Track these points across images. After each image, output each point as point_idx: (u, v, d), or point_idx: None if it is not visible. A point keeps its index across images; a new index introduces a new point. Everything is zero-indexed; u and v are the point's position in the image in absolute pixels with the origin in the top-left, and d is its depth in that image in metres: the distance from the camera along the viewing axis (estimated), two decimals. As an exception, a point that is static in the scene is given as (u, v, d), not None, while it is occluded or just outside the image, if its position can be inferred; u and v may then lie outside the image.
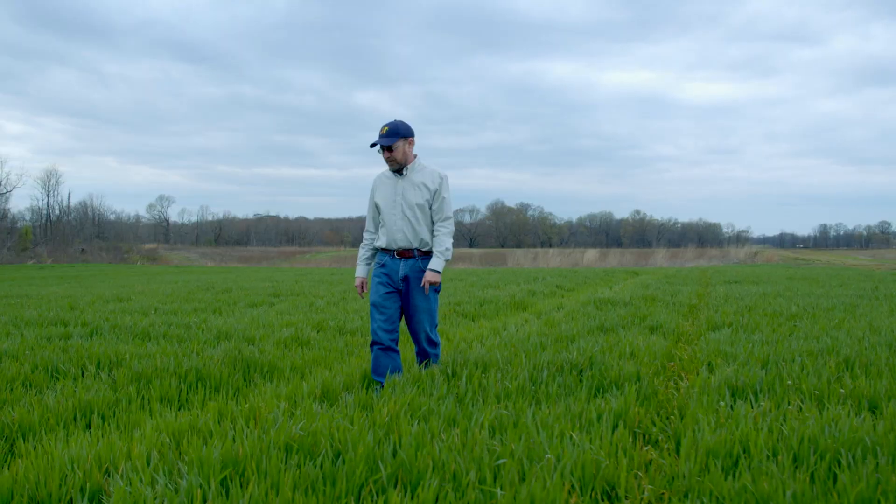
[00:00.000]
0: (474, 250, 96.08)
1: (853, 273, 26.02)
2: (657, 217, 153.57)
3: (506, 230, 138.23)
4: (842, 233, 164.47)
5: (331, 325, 9.24)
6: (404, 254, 5.48)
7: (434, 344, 5.66)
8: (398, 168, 5.46)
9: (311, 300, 13.55)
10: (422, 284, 5.44)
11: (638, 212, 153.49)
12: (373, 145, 5.38)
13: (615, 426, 4.09)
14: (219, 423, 4.34)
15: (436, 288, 5.49)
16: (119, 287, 18.92)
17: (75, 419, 4.61)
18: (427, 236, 5.50)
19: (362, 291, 5.75)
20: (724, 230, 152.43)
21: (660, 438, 4.13)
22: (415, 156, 5.54)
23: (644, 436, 4.19)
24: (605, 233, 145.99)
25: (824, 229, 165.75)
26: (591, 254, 67.15)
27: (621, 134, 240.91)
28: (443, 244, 5.49)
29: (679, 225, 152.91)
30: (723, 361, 6.11)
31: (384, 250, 5.58)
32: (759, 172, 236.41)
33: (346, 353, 7.35)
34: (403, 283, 5.50)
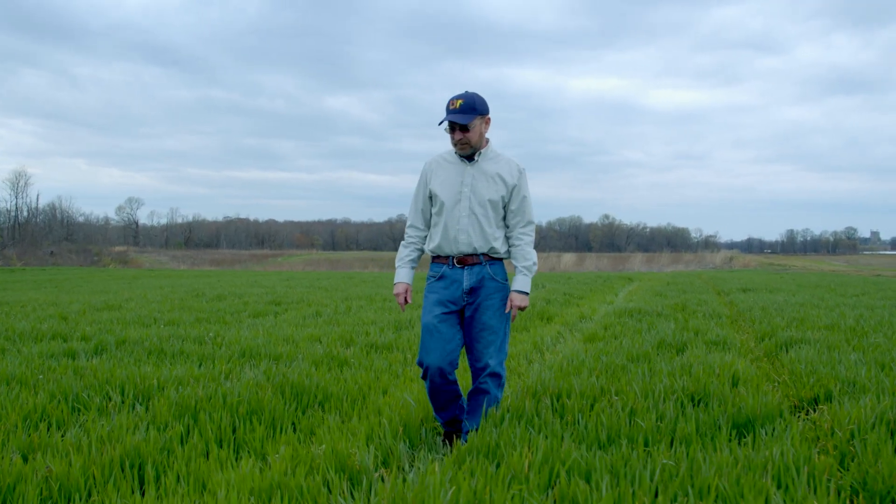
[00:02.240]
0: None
1: (855, 280, 25.63)
2: (626, 221, 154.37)
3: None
4: (809, 238, 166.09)
5: (359, 340, 8.40)
6: (466, 260, 4.33)
7: (499, 379, 4.41)
8: (470, 153, 4.32)
9: (315, 309, 12.67)
10: (507, 311, 4.34)
11: (607, 216, 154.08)
12: (441, 122, 4.25)
13: (814, 483, 3.29)
14: (307, 477, 3.50)
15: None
16: (101, 293, 17.85)
17: (123, 470, 3.73)
18: (497, 242, 4.35)
19: (405, 302, 4.51)
20: (693, 235, 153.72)
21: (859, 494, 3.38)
22: (487, 140, 4.40)
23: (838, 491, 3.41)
24: (575, 237, 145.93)
25: (791, 234, 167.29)
26: (568, 258, 66.84)
27: (590, 139, 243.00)
28: (529, 257, 4.38)
29: (648, 229, 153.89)
30: (841, 388, 5.36)
31: (438, 257, 4.42)
32: (726, 178, 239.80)
33: (392, 373, 6.51)
34: (469, 297, 4.34)
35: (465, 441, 4.35)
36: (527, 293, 4.34)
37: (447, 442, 4.55)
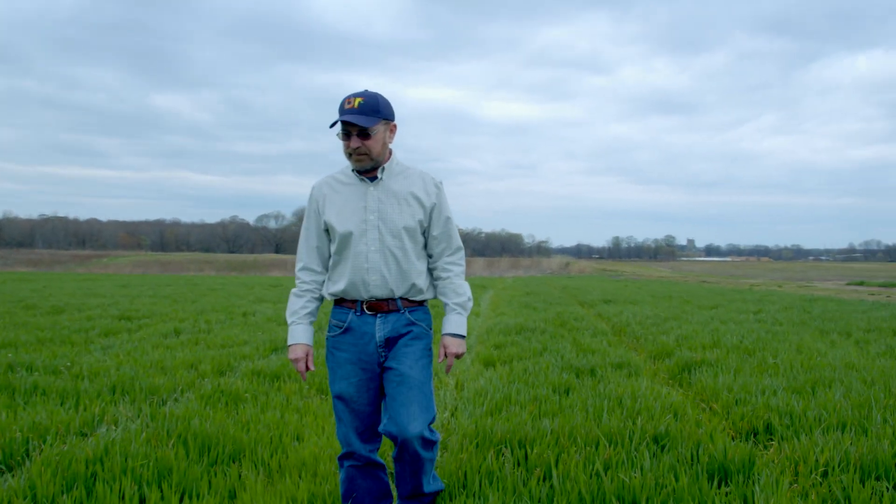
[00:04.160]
0: (287, 256, 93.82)
1: (696, 289, 26.77)
2: (462, 227, 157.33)
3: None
4: (633, 245, 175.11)
5: (240, 366, 7.59)
6: (381, 307, 3.37)
7: (431, 445, 3.33)
8: (370, 167, 3.35)
9: (172, 325, 11.62)
10: (441, 360, 3.41)
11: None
12: (333, 125, 3.27)
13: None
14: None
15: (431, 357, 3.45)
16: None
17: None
18: (420, 278, 3.42)
19: (306, 367, 3.44)
20: (526, 240, 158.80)
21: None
22: (390, 151, 3.44)
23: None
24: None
25: (617, 241, 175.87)
26: (410, 263, 66.88)
27: (425, 147, 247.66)
28: (461, 291, 3.48)
29: (483, 235, 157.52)
30: (780, 420, 5.16)
31: (342, 302, 3.43)
32: (556, 187, 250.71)
33: (294, 409, 5.79)
34: (385, 350, 3.36)
35: None
36: (464, 336, 3.44)
37: None
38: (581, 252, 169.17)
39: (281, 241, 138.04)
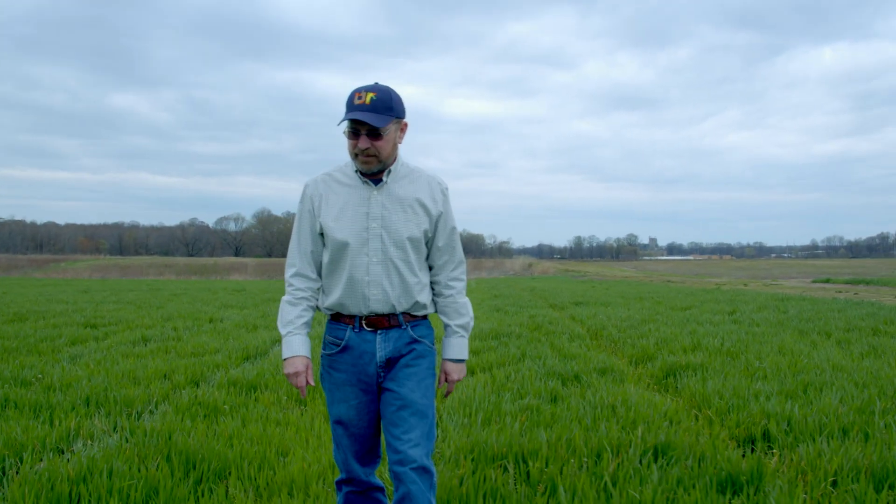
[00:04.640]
0: (247, 259, 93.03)
1: (666, 289, 26.90)
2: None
3: (273, 239, 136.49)
4: (594, 244, 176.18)
5: (215, 376, 7.37)
6: (381, 322, 3.05)
7: (430, 477, 2.94)
8: (378, 170, 3.02)
9: (140, 333, 11.29)
10: (440, 385, 3.21)
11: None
12: (341, 122, 2.95)
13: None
14: None
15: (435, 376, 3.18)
16: None
17: None
18: (423, 294, 3.12)
19: (306, 382, 3.07)
20: (487, 241, 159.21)
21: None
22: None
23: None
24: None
25: (579, 241, 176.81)
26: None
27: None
28: (464, 311, 3.20)
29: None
30: (777, 426, 5.08)
31: (338, 317, 3.11)
32: (518, 186, 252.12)
33: (273, 422, 5.60)
34: (385, 370, 3.06)
35: None
36: (465, 361, 3.20)
37: None
38: (543, 252, 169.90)
39: (241, 244, 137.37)
